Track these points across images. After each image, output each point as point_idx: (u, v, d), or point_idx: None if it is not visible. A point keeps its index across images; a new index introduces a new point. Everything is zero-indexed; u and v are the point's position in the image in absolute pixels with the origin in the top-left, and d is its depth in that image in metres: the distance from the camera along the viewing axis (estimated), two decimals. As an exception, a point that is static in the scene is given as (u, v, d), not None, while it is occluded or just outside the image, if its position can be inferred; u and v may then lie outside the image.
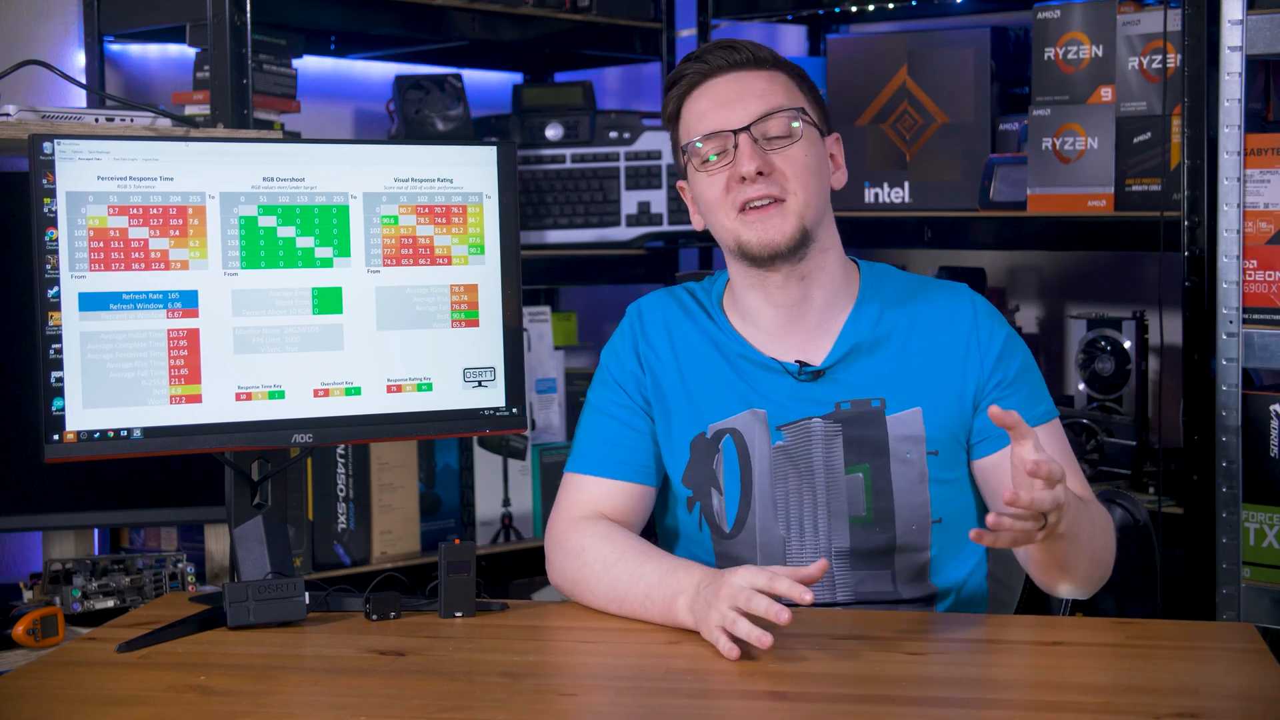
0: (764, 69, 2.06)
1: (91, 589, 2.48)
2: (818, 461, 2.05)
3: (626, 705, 1.70)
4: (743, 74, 2.06)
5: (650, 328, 2.15)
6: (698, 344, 2.12)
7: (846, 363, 2.06)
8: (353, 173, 2.08)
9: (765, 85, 2.05)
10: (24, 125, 2.39)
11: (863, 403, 2.04)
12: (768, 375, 2.07)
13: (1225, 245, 2.62)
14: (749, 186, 2.01)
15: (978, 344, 2.06)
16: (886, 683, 1.71)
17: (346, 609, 2.04)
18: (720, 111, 2.04)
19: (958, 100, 3.16)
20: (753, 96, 2.03)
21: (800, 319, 2.07)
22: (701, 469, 2.09)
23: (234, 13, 2.70)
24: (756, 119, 2.02)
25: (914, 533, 2.04)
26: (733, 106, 2.03)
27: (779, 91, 2.05)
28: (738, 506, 2.07)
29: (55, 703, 1.71)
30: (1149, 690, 1.68)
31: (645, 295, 2.20)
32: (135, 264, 1.98)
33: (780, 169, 2.02)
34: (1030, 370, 2.09)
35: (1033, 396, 2.06)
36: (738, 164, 2.01)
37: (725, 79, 2.06)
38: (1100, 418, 3.00)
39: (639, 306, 2.18)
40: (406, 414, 2.10)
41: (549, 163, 3.26)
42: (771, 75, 2.06)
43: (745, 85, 2.05)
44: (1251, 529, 2.69)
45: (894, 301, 2.09)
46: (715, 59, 2.06)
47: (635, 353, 2.14)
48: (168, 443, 2.00)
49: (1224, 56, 2.61)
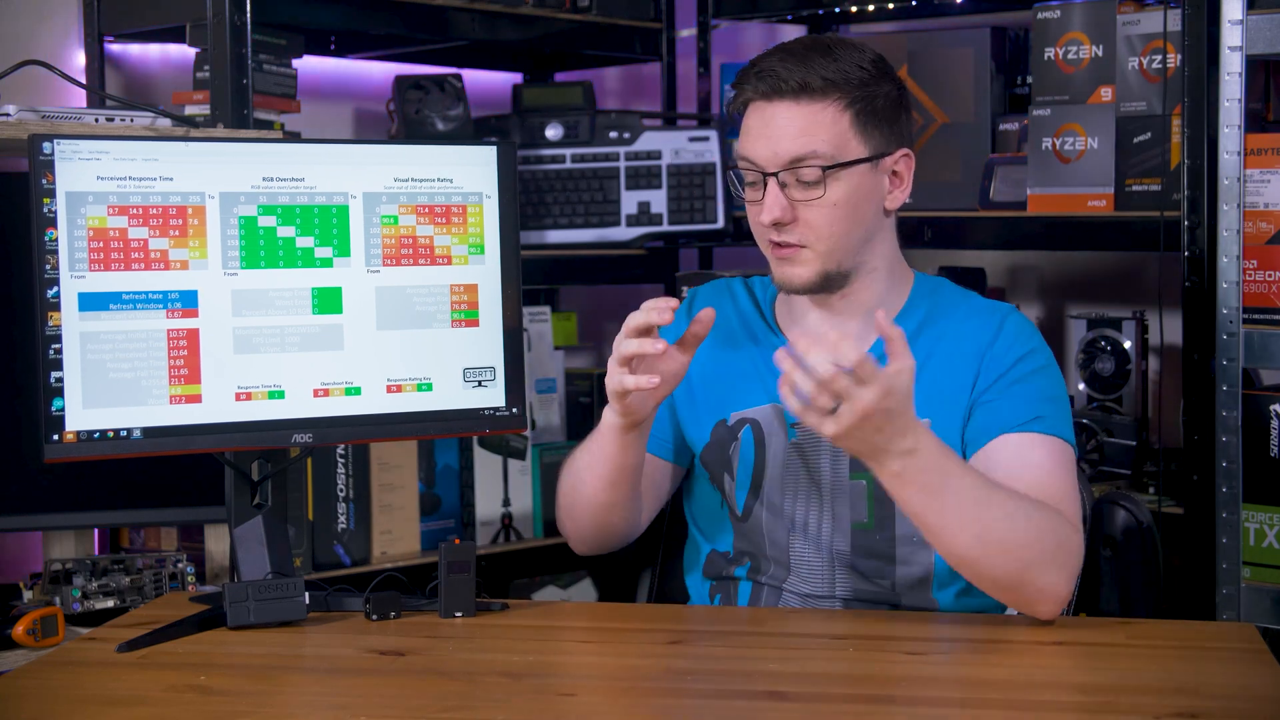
0: (815, 99, 1.98)
1: (91, 589, 2.48)
2: (825, 464, 2.06)
3: (626, 705, 1.70)
4: (792, 105, 1.99)
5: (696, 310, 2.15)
6: (738, 334, 2.16)
7: None
8: (353, 173, 2.08)
9: (806, 124, 1.98)
10: (24, 125, 2.38)
11: None
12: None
13: (1225, 245, 2.62)
14: (772, 230, 2.01)
15: (992, 355, 2.03)
16: (886, 683, 1.71)
17: (346, 609, 2.04)
18: (760, 144, 2.01)
19: (958, 100, 3.16)
20: (787, 138, 1.98)
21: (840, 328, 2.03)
22: (719, 453, 2.12)
23: (234, 13, 2.70)
24: (784, 167, 1.99)
25: (914, 544, 2.03)
26: (770, 142, 1.99)
27: (821, 131, 1.98)
28: (746, 496, 2.09)
29: (55, 703, 1.71)
30: (1149, 690, 1.68)
31: (705, 283, 2.25)
32: (135, 264, 1.98)
33: (804, 219, 2.00)
34: (1036, 384, 2.02)
35: (1030, 401, 2.00)
36: (763, 208, 2.01)
37: (775, 107, 2.00)
38: (1100, 418, 3.00)
39: (694, 294, 2.23)
40: (406, 414, 2.10)
41: (549, 163, 3.26)
42: (822, 108, 1.98)
43: (789, 121, 1.99)
44: (1251, 529, 2.69)
45: (936, 317, 2.08)
46: (769, 82, 1.99)
47: (678, 329, 2.15)
48: (168, 443, 2.00)
49: (1224, 56, 2.61)
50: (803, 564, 2.06)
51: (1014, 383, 2.02)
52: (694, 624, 2.02)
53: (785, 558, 2.07)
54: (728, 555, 2.12)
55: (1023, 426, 1.98)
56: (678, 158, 3.30)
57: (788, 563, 2.07)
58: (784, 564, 2.07)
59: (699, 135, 3.31)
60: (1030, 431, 1.98)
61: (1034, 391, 2.01)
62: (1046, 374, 2.04)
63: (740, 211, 3.36)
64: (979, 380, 2.03)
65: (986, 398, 2.02)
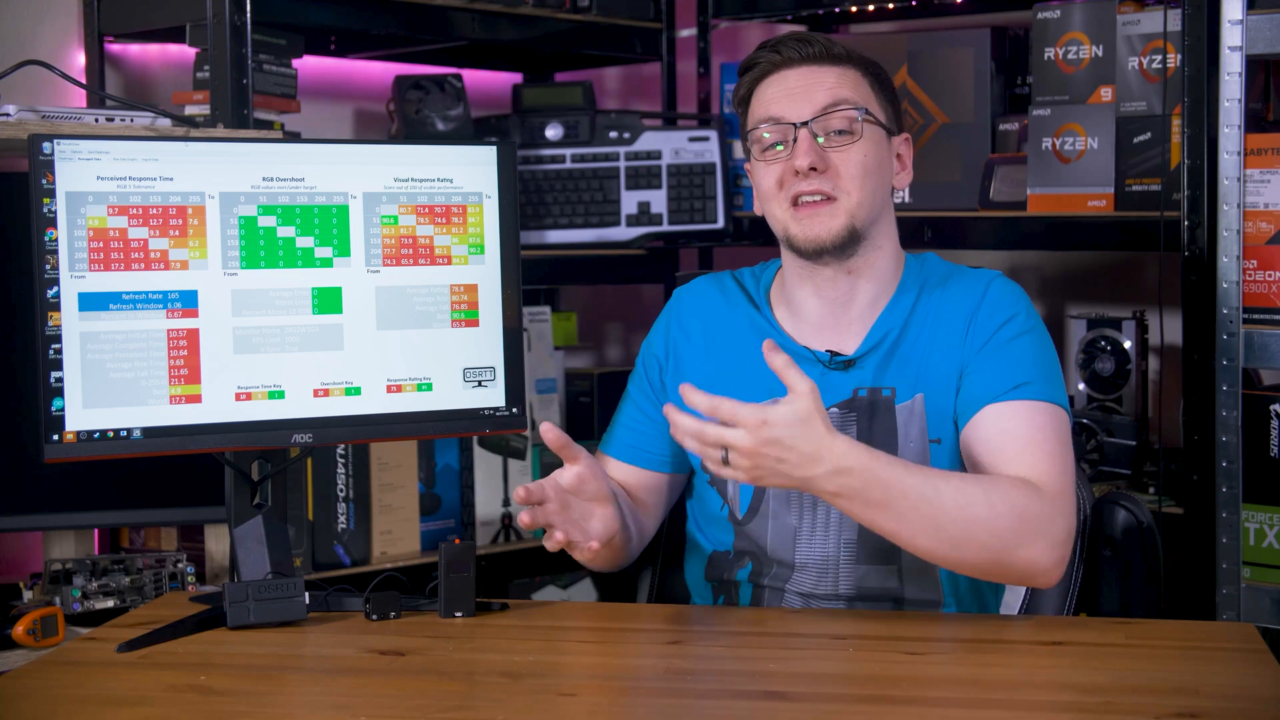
0: (837, 64, 2.07)
1: (91, 589, 2.48)
2: None
3: (626, 705, 1.70)
4: (815, 68, 2.07)
5: (686, 314, 2.19)
6: (733, 331, 2.15)
7: (875, 353, 2.07)
8: (353, 173, 2.08)
9: (835, 80, 2.06)
10: (24, 125, 2.38)
11: (876, 391, 2.06)
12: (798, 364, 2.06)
13: (1225, 245, 2.62)
14: (803, 180, 2.03)
15: (976, 323, 2.05)
16: (886, 683, 1.71)
17: (346, 609, 2.04)
18: (786, 101, 2.05)
19: (958, 100, 3.16)
20: (820, 90, 2.05)
21: (844, 313, 2.09)
22: None
23: (234, 13, 2.70)
24: (818, 113, 2.04)
25: None
26: (798, 98, 2.05)
27: (847, 87, 2.06)
28: (752, 493, 2.09)
29: (55, 703, 1.71)
30: (1149, 690, 1.68)
31: (692, 280, 2.25)
32: (135, 264, 1.98)
33: (836, 166, 2.03)
34: (1020, 348, 2.02)
35: (1012, 368, 2.00)
36: (794, 157, 2.03)
37: (797, 71, 2.07)
38: (1100, 418, 3.00)
39: (680, 292, 2.23)
40: (406, 414, 2.10)
41: (549, 163, 3.26)
42: (843, 70, 2.07)
43: (815, 78, 2.06)
44: (1251, 529, 2.69)
45: (927, 290, 2.10)
46: (789, 50, 2.07)
47: (665, 338, 2.19)
48: (168, 443, 2.00)
49: (1224, 56, 2.61)
50: (809, 562, 2.06)
51: (997, 350, 2.03)
52: (694, 624, 2.01)
53: (789, 558, 2.07)
54: (729, 555, 2.12)
55: (1004, 395, 1.99)
56: (678, 158, 3.31)
57: (792, 562, 2.07)
58: (788, 564, 2.07)
59: (699, 135, 3.31)
60: (1011, 400, 1.98)
61: (1016, 357, 2.02)
62: (1030, 338, 2.04)
63: (741, 211, 3.37)
64: (965, 349, 2.05)
65: (972, 367, 2.03)
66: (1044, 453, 1.96)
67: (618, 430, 2.20)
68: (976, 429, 2.00)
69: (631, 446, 2.17)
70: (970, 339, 2.05)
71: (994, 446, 1.96)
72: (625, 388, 2.24)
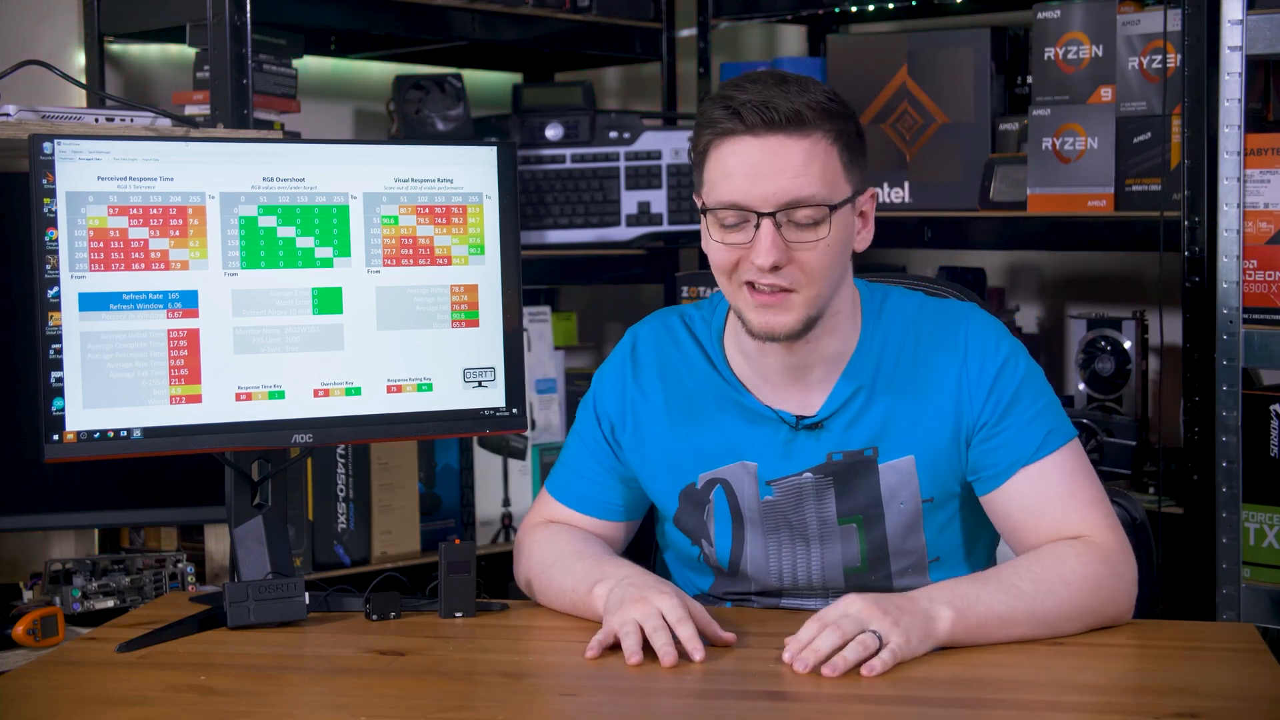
0: (804, 133, 1.84)
1: (91, 589, 2.48)
2: (810, 514, 1.99)
3: (626, 705, 1.70)
4: (781, 139, 1.84)
5: (643, 368, 2.07)
6: (690, 387, 2.03)
7: (843, 411, 1.97)
8: (353, 173, 2.08)
9: (802, 159, 1.84)
10: (24, 125, 2.38)
11: (855, 454, 1.97)
12: (763, 426, 1.99)
13: (1225, 245, 2.62)
14: (761, 274, 1.86)
15: (967, 381, 1.95)
16: (886, 683, 1.71)
17: (346, 609, 2.04)
18: (748, 184, 1.84)
19: (958, 100, 3.16)
20: (785, 175, 1.84)
21: (805, 375, 1.98)
22: (693, 518, 2.04)
23: (234, 13, 2.70)
24: (783, 207, 1.84)
25: (910, 573, 2.00)
26: (763, 181, 1.84)
27: (815, 167, 1.85)
28: (730, 550, 2.03)
29: (55, 703, 1.71)
30: (1149, 690, 1.68)
31: (643, 322, 2.11)
32: (135, 264, 1.98)
33: (799, 262, 1.86)
34: (1027, 396, 1.95)
35: (1027, 430, 1.93)
36: (754, 251, 1.85)
37: (761, 142, 1.84)
38: (1100, 418, 3.00)
39: (634, 338, 2.09)
40: (406, 414, 2.10)
41: (549, 163, 3.26)
42: (813, 142, 1.85)
43: (781, 157, 1.84)
44: (1251, 529, 2.69)
45: (895, 335, 1.99)
46: (752, 116, 1.83)
47: (621, 394, 2.07)
48: (168, 443, 2.00)
49: (1224, 56, 2.61)
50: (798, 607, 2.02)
51: (1008, 407, 1.94)
52: (694, 624, 2.01)
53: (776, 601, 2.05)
54: (708, 597, 2.09)
55: (1034, 457, 1.93)
56: (678, 158, 3.31)
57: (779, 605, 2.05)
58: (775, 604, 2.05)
59: (699, 135, 3.31)
60: (1041, 458, 1.93)
61: (1028, 408, 1.95)
62: (1029, 378, 1.97)
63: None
64: (965, 411, 1.95)
65: (984, 434, 1.95)
66: (1084, 503, 1.93)
67: (573, 480, 2.11)
68: (1011, 496, 1.94)
69: (590, 499, 2.09)
70: (967, 396, 1.95)
71: (1036, 510, 1.92)
72: (574, 422, 2.14)
